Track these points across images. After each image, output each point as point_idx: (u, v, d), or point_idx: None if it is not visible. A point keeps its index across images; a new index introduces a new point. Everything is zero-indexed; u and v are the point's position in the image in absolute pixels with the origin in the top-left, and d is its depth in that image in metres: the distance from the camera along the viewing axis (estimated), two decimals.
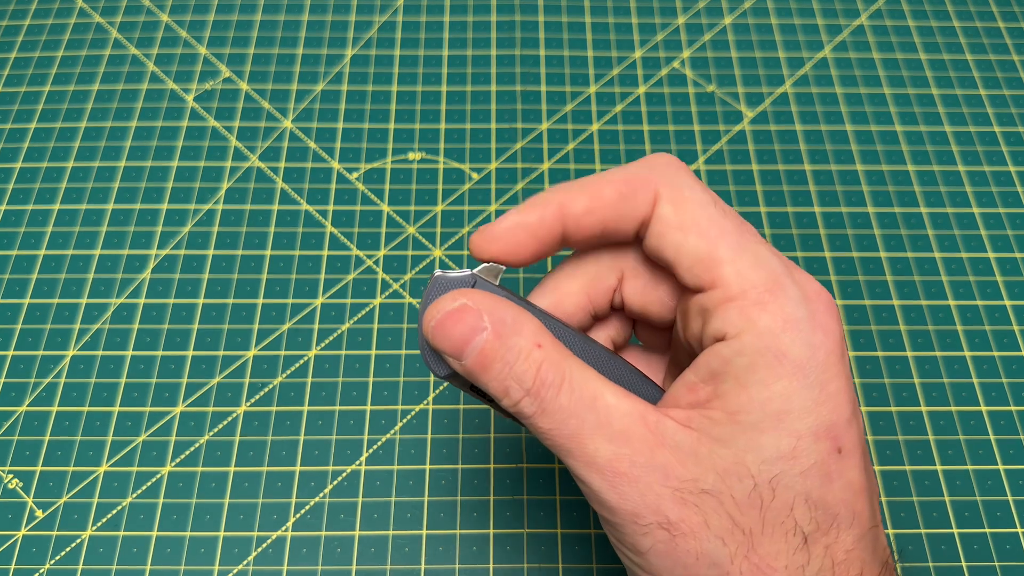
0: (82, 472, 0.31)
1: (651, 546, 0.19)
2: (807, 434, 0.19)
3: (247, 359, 0.34)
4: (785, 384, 0.19)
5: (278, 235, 0.37)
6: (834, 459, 0.19)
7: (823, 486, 0.19)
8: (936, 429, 0.32)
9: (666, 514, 0.19)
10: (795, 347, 0.19)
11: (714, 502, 0.19)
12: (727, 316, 0.20)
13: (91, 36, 0.43)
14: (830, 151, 0.39)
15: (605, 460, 0.19)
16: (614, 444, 0.19)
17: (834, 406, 0.19)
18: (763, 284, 0.19)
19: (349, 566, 0.30)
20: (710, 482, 0.19)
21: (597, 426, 0.19)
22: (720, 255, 0.20)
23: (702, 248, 0.20)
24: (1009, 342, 0.34)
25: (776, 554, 0.19)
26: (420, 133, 0.40)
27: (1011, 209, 0.38)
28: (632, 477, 0.19)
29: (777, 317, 0.19)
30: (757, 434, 0.19)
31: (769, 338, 0.19)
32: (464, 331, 0.20)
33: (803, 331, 0.19)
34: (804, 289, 0.20)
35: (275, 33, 0.43)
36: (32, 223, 0.37)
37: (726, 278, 0.20)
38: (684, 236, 0.20)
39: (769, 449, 0.19)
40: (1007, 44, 0.43)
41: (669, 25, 0.44)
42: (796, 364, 0.19)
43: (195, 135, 0.40)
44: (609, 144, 0.39)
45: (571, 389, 0.20)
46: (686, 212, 0.21)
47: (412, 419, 0.32)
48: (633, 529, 0.19)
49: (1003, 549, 0.30)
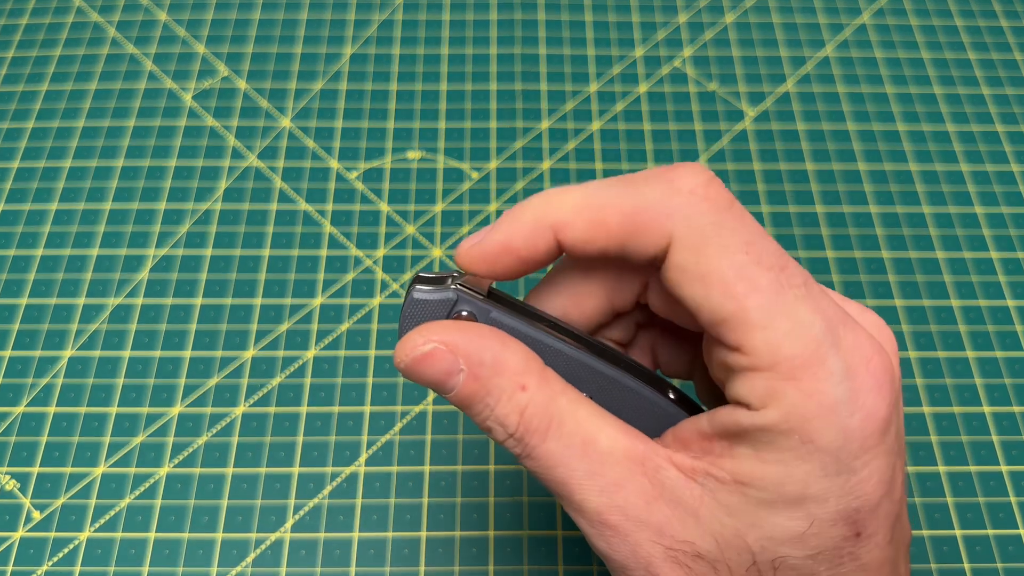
0: (80, 473, 0.31)
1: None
2: (824, 520, 0.17)
3: (245, 360, 0.33)
4: (808, 470, 0.17)
5: (277, 235, 0.37)
6: (850, 543, 0.17)
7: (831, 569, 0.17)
8: (939, 430, 0.32)
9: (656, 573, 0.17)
10: (827, 434, 0.16)
11: (708, 569, 0.17)
12: (753, 385, 0.17)
13: (89, 35, 0.43)
14: (832, 150, 0.39)
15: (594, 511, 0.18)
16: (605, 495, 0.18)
17: (861, 492, 0.17)
18: (799, 359, 0.16)
19: (348, 568, 0.29)
20: (707, 548, 0.17)
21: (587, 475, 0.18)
22: (749, 319, 0.17)
23: (727, 309, 0.17)
24: (1012, 342, 0.34)
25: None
26: (419, 132, 0.40)
27: (1014, 209, 0.38)
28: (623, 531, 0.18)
29: (810, 399, 0.16)
30: (767, 513, 0.17)
31: (797, 421, 0.16)
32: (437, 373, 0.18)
33: (839, 415, 0.16)
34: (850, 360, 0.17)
35: (274, 32, 0.43)
36: (29, 223, 0.37)
37: (755, 347, 0.17)
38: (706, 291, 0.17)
39: (777, 530, 0.17)
40: (1010, 43, 0.43)
41: (670, 23, 0.43)
42: (824, 451, 0.17)
43: (193, 134, 0.39)
44: (609, 143, 0.39)
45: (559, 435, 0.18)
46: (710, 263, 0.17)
47: (411, 420, 0.32)
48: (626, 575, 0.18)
49: (1006, 551, 0.30)
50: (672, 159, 0.39)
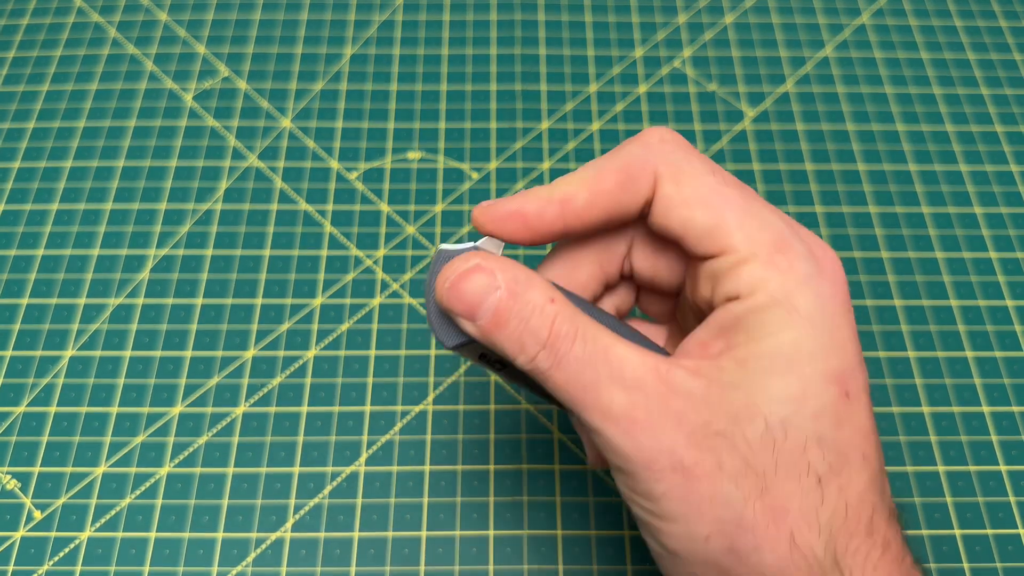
0: (80, 473, 0.31)
1: (665, 491, 0.19)
2: (817, 378, 0.19)
3: (246, 359, 0.34)
4: (795, 333, 0.19)
5: (277, 235, 0.37)
6: (843, 403, 0.20)
7: (834, 428, 0.19)
8: (938, 430, 0.32)
9: (680, 458, 0.19)
10: (805, 300, 0.20)
11: (727, 444, 0.19)
12: (739, 278, 0.20)
13: (89, 35, 0.43)
14: (831, 150, 0.39)
15: (620, 409, 0.19)
16: (628, 393, 0.19)
17: (843, 353, 0.20)
18: (771, 245, 0.20)
19: (348, 567, 0.29)
20: (723, 424, 0.19)
21: (611, 377, 0.20)
22: (727, 224, 0.20)
23: (709, 220, 0.21)
24: (1011, 342, 0.34)
25: (789, 495, 0.19)
26: (419, 132, 0.40)
27: (1013, 209, 0.38)
28: (647, 424, 0.19)
29: (787, 274, 0.20)
30: (767, 378, 0.19)
31: (780, 294, 0.20)
32: (478, 290, 0.20)
33: (812, 285, 0.20)
34: (810, 245, 0.21)
35: (274, 32, 0.43)
36: (30, 223, 0.37)
37: (735, 244, 0.20)
38: (690, 211, 0.21)
39: (779, 391, 0.19)
40: (1009, 43, 0.43)
41: (670, 24, 0.43)
42: (806, 316, 0.19)
43: (194, 134, 0.39)
44: (609, 144, 0.39)
45: (584, 341, 0.20)
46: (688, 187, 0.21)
47: (412, 420, 0.32)
48: (647, 475, 0.19)
49: (1005, 550, 0.30)
50: None
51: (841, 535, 0.19)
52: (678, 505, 0.19)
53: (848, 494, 0.19)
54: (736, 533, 0.19)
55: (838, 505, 0.19)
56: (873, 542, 0.19)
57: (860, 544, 0.19)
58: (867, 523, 0.19)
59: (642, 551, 0.30)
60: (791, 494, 0.19)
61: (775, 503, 0.19)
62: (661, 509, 0.20)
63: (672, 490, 0.19)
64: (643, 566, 0.30)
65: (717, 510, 0.19)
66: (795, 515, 0.19)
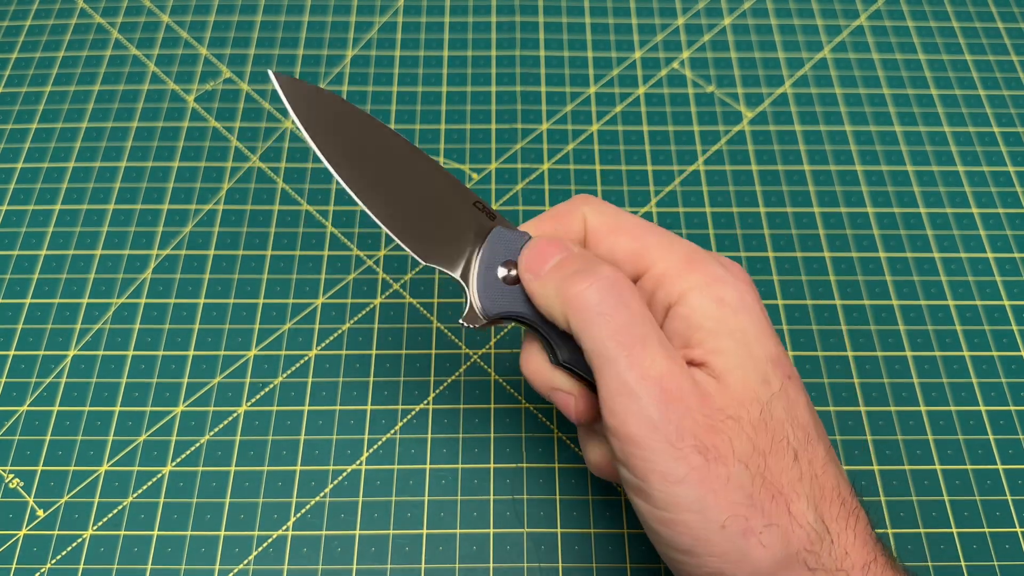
0: (83, 472, 0.31)
1: (686, 473, 0.20)
2: (768, 361, 0.22)
3: (248, 359, 0.34)
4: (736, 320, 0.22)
5: (279, 235, 0.37)
6: (789, 383, 0.22)
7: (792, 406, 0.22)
8: (935, 429, 0.33)
9: (703, 441, 0.20)
10: (727, 293, 0.22)
11: (737, 428, 0.21)
12: (669, 287, 0.23)
13: (92, 37, 0.43)
14: (829, 151, 0.39)
15: (658, 374, 0.21)
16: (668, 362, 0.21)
17: (773, 340, 0.23)
18: (686, 256, 0.23)
19: (349, 565, 0.30)
20: (734, 409, 0.21)
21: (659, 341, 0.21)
22: (648, 244, 0.24)
23: (631, 243, 0.24)
24: (1008, 342, 0.34)
25: (780, 471, 0.21)
26: (420, 133, 0.40)
27: (1010, 209, 0.38)
28: (678, 397, 0.20)
29: (705, 275, 0.23)
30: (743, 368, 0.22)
31: (706, 290, 0.22)
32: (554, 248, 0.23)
33: (728, 282, 0.23)
34: (717, 257, 0.24)
35: (276, 34, 0.43)
36: (33, 223, 0.37)
37: (657, 262, 0.24)
38: (615, 238, 0.24)
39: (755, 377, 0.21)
40: (1006, 44, 0.43)
41: (669, 26, 0.44)
42: (734, 307, 0.22)
43: (196, 135, 0.40)
44: (609, 144, 0.39)
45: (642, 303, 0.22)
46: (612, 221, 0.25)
47: (412, 419, 0.33)
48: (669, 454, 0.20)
49: (1002, 549, 0.30)
50: (671, 160, 0.39)
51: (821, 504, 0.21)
52: (697, 489, 0.20)
53: (816, 466, 0.21)
54: (749, 513, 0.20)
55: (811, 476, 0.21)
56: (848, 510, 0.21)
57: (838, 512, 0.21)
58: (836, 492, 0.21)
59: (642, 549, 0.30)
60: (781, 470, 0.21)
61: (772, 479, 0.20)
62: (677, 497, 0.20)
63: (693, 473, 0.20)
64: (642, 564, 0.30)
65: (732, 493, 0.20)
66: (787, 489, 0.20)
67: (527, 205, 0.38)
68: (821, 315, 0.35)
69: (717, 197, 0.38)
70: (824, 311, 0.35)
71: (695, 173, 0.39)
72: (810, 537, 0.20)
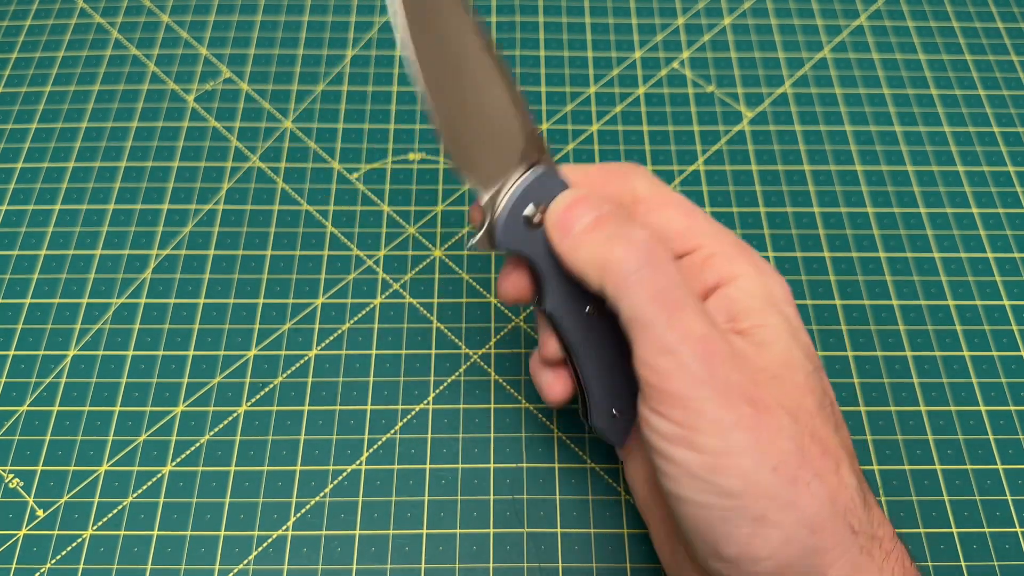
0: (83, 472, 0.31)
1: (737, 420, 0.20)
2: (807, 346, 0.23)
3: (248, 359, 0.34)
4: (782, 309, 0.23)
5: (278, 235, 0.37)
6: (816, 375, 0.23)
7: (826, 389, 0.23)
8: (935, 429, 0.33)
9: (750, 393, 0.21)
10: (775, 288, 0.24)
11: (781, 387, 0.21)
12: (719, 267, 0.24)
13: (92, 36, 0.43)
14: (829, 151, 0.39)
15: (699, 335, 0.21)
16: (707, 327, 0.21)
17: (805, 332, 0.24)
18: (735, 244, 0.24)
19: (349, 565, 0.30)
20: (777, 370, 0.22)
21: (696, 305, 0.22)
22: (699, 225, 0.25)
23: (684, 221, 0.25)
24: (1008, 342, 0.34)
25: (828, 435, 0.21)
26: (420, 133, 0.40)
27: (1010, 209, 0.38)
28: (721, 357, 0.21)
29: (756, 266, 0.24)
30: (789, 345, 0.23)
31: (759, 278, 0.24)
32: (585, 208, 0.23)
33: (776, 278, 0.24)
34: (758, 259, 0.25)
35: (275, 34, 0.43)
36: (33, 223, 0.37)
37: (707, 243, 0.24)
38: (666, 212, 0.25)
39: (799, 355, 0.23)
40: (1006, 44, 0.43)
41: (669, 25, 0.44)
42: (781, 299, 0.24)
43: (196, 135, 0.40)
44: (609, 144, 0.39)
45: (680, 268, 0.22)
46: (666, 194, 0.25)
47: (412, 419, 0.33)
48: (719, 403, 0.20)
49: (1002, 548, 0.30)
50: (671, 160, 0.39)
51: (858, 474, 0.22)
52: (749, 435, 0.20)
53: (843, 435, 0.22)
54: (799, 463, 0.20)
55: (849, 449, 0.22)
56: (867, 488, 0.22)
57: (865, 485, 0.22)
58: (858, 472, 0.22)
59: (642, 549, 0.30)
60: (828, 434, 0.21)
61: (821, 438, 0.21)
62: (729, 442, 0.20)
63: (743, 420, 0.20)
64: (642, 564, 0.30)
65: (783, 441, 0.20)
66: (834, 450, 0.21)
67: None
68: (821, 315, 0.35)
69: (717, 197, 0.38)
70: (824, 311, 0.35)
71: (695, 173, 0.39)
72: (855, 500, 0.21)
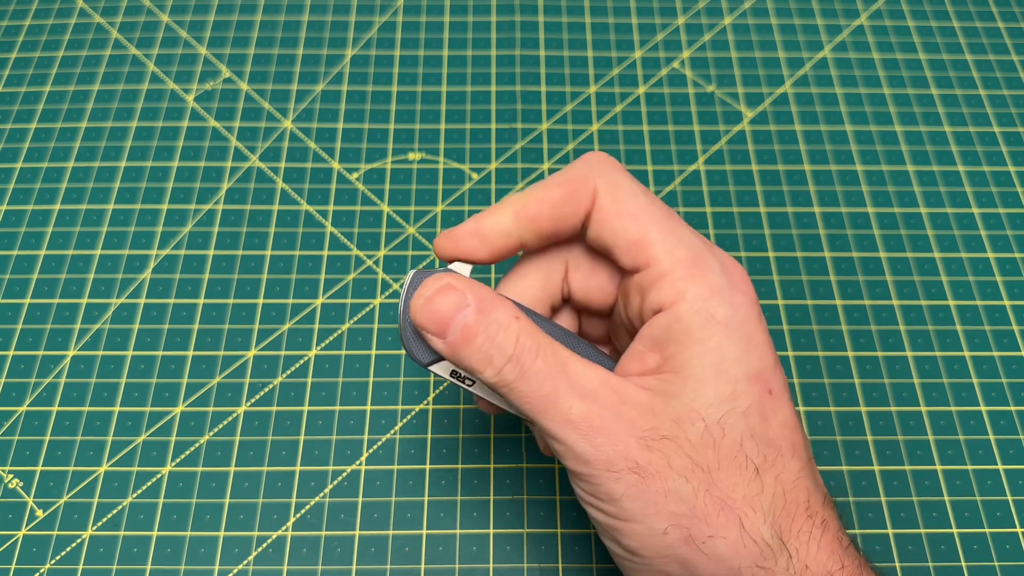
0: (82, 472, 0.31)
1: (624, 491, 0.21)
2: (742, 379, 0.22)
3: (247, 359, 0.34)
4: (718, 339, 0.22)
5: (278, 235, 0.37)
6: (767, 400, 0.22)
7: (763, 423, 0.22)
8: (936, 429, 0.33)
9: (635, 459, 0.21)
10: (721, 309, 0.22)
11: (673, 446, 0.21)
12: (662, 290, 0.23)
13: (91, 36, 0.43)
14: (830, 151, 0.39)
15: (579, 416, 0.21)
16: (585, 402, 0.21)
17: (760, 355, 0.22)
18: (688, 260, 0.23)
19: (349, 566, 0.30)
20: (667, 429, 0.21)
21: (570, 388, 0.22)
22: (651, 238, 0.23)
23: (635, 232, 0.23)
24: (1009, 342, 0.34)
25: (734, 486, 0.21)
26: (420, 133, 0.40)
27: (1011, 209, 0.38)
28: (603, 430, 0.21)
29: (703, 286, 0.22)
30: (701, 384, 0.22)
31: (699, 303, 0.22)
32: (450, 307, 0.22)
33: (725, 296, 0.22)
34: (722, 262, 0.23)
35: (275, 33, 0.43)
36: (32, 223, 0.37)
37: (657, 257, 0.23)
38: (620, 223, 0.23)
39: (712, 395, 0.22)
40: (1007, 44, 0.43)
41: (669, 25, 0.44)
42: (723, 323, 0.22)
43: (195, 135, 0.40)
44: (609, 144, 0.39)
45: (545, 356, 0.22)
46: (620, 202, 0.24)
47: (412, 419, 0.33)
48: (607, 477, 0.21)
49: (1003, 549, 0.30)
50: (671, 160, 0.39)
51: (783, 518, 0.21)
52: (637, 503, 0.21)
53: (784, 481, 0.21)
54: (691, 524, 0.21)
55: (776, 491, 0.21)
56: (813, 523, 0.21)
57: (802, 525, 0.21)
58: (805, 506, 0.21)
59: None
60: (735, 485, 0.21)
61: (721, 494, 0.21)
62: (621, 509, 0.21)
63: (630, 489, 0.21)
64: None
65: (671, 504, 0.21)
66: (740, 503, 0.21)
67: None
68: (821, 315, 0.35)
69: (717, 197, 0.38)
70: (824, 311, 0.35)
71: (695, 173, 0.39)
72: (763, 553, 0.21)
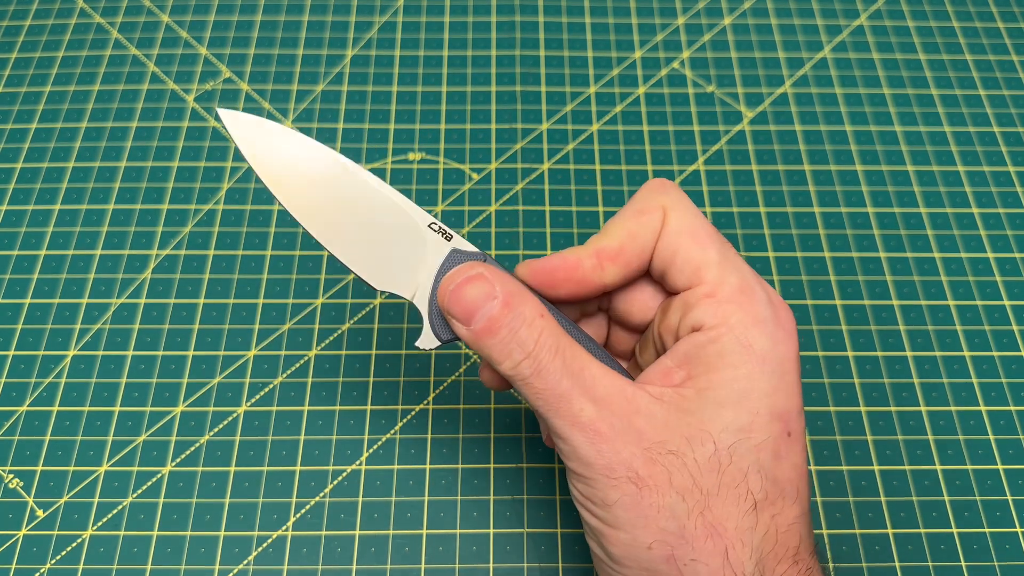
0: (83, 472, 0.31)
1: (619, 499, 0.21)
2: (764, 413, 0.22)
3: (247, 359, 0.34)
4: (749, 369, 0.22)
5: (278, 235, 0.37)
6: (784, 440, 0.22)
7: (773, 461, 0.21)
8: (936, 429, 0.33)
9: (636, 470, 0.21)
10: (760, 341, 0.22)
11: (678, 462, 0.21)
12: (706, 310, 0.22)
13: (92, 36, 0.43)
14: (829, 151, 0.39)
15: (588, 420, 0.21)
16: (597, 407, 0.22)
17: (788, 395, 0.22)
18: (738, 287, 0.23)
19: (349, 566, 0.30)
20: (676, 444, 0.21)
21: (583, 390, 0.22)
22: (709, 259, 0.23)
23: (695, 251, 0.23)
24: (1008, 342, 0.34)
25: (728, 515, 0.21)
26: (420, 133, 0.40)
27: (1010, 209, 0.38)
28: (610, 436, 0.21)
29: (747, 314, 0.22)
30: (720, 408, 0.21)
31: (740, 331, 0.22)
32: (478, 297, 0.22)
33: (768, 329, 0.22)
34: (770, 297, 0.23)
35: (275, 33, 0.43)
36: (33, 223, 0.37)
37: (710, 278, 0.23)
38: (681, 240, 0.23)
39: (729, 420, 0.21)
40: (1006, 44, 0.43)
41: (669, 25, 0.44)
42: (760, 355, 0.22)
43: (196, 135, 0.40)
44: (609, 144, 0.39)
45: (564, 356, 0.22)
46: (686, 221, 0.24)
47: (412, 419, 0.33)
48: (605, 482, 0.21)
49: (1002, 549, 0.30)
50: (671, 160, 0.39)
51: (770, 558, 0.21)
52: (628, 513, 0.21)
53: (779, 522, 0.21)
54: (677, 543, 0.21)
55: (770, 530, 0.21)
56: (798, 569, 0.21)
57: (787, 569, 0.21)
58: (794, 551, 0.21)
59: None
60: (729, 515, 0.21)
61: (714, 520, 0.21)
62: (612, 516, 0.21)
63: (625, 498, 0.21)
64: None
65: (662, 520, 0.21)
66: (731, 534, 0.21)
67: (527, 205, 0.38)
68: (821, 315, 0.35)
69: (717, 197, 0.38)
70: (824, 311, 0.35)
71: (695, 173, 0.39)
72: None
